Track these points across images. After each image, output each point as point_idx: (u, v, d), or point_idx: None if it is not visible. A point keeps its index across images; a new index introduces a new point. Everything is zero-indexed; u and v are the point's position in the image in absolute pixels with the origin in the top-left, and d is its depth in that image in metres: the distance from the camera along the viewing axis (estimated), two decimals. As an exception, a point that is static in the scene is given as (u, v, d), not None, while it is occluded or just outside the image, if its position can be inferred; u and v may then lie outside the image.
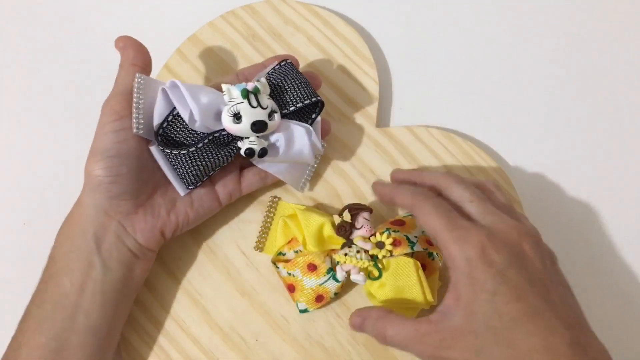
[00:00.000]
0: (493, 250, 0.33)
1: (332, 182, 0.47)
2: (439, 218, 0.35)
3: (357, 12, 0.54)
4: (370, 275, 0.41)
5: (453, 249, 0.34)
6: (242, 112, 0.40)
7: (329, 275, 0.42)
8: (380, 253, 0.41)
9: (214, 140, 0.41)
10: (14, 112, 0.51)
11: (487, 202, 0.37)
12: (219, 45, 0.50)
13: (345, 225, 0.42)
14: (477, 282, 0.33)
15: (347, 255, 0.41)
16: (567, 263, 0.38)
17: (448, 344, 0.33)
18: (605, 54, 0.53)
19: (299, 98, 0.42)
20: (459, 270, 0.34)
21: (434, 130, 0.48)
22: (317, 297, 0.42)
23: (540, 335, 0.32)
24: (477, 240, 0.34)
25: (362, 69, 0.49)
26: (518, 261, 0.34)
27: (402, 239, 0.41)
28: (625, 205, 0.49)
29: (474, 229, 0.34)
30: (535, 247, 0.35)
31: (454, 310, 0.34)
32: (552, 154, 0.50)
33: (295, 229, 0.43)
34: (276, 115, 0.41)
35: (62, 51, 0.53)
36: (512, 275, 0.33)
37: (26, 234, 0.48)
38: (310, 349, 0.43)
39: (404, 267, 0.40)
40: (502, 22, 0.54)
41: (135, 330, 0.44)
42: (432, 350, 0.34)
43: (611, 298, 0.46)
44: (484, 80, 0.52)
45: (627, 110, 0.51)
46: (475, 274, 0.33)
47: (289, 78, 0.43)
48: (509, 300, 0.32)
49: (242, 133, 0.40)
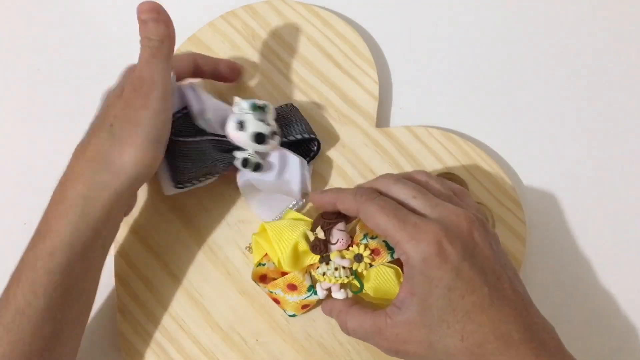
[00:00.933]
0: (448, 246, 0.34)
1: (332, 182, 0.47)
2: (387, 217, 0.35)
3: (357, 12, 0.54)
4: (352, 288, 0.40)
5: (407, 247, 0.34)
6: (247, 122, 0.42)
7: (310, 292, 0.41)
8: (360, 267, 0.39)
9: (214, 142, 0.42)
10: (14, 112, 0.52)
11: (429, 195, 0.36)
12: (219, 45, 0.50)
13: (319, 244, 0.39)
14: (432, 279, 0.33)
15: (325, 274, 0.40)
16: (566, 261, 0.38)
17: (403, 337, 0.34)
18: (607, 54, 0.53)
19: (300, 131, 0.44)
20: (415, 268, 0.34)
21: (434, 130, 0.48)
22: (302, 306, 0.42)
23: (492, 326, 0.33)
24: (432, 237, 0.34)
25: (362, 69, 0.49)
26: (471, 253, 0.34)
27: (381, 247, 0.39)
28: (626, 205, 0.49)
29: (425, 224, 0.34)
30: (484, 233, 0.35)
31: (408, 304, 0.34)
32: (552, 154, 0.50)
33: (268, 247, 0.41)
34: (277, 137, 0.43)
35: (62, 51, 0.53)
36: (466, 268, 0.33)
37: (26, 234, 0.48)
38: (310, 349, 0.43)
39: (385, 277, 0.39)
40: (502, 22, 0.54)
41: (135, 330, 0.44)
42: (388, 344, 0.36)
43: (611, 296, 0.46)
44: (484, 80, 0.52)
45: (628, 110, 0.51)
46: (431, 271, 0.33)
47: (293, 115, 0.45)
48: (464, 294, 0.33)
49: (242, 142, 0.42)
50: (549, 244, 0.47)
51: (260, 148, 0.42)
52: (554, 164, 0.50)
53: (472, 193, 0.46)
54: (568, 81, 0.52)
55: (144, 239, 0.46)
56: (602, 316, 0.46)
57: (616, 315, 0.46)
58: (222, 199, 0.46)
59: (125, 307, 0.44)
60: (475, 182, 0.46)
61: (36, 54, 0.53)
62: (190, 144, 0.42)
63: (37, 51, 0.53)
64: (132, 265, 0.45)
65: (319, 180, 0.47)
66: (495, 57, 0.53)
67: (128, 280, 0.45)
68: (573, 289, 0.46)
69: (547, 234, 0.48)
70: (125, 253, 0.45)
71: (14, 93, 0.52)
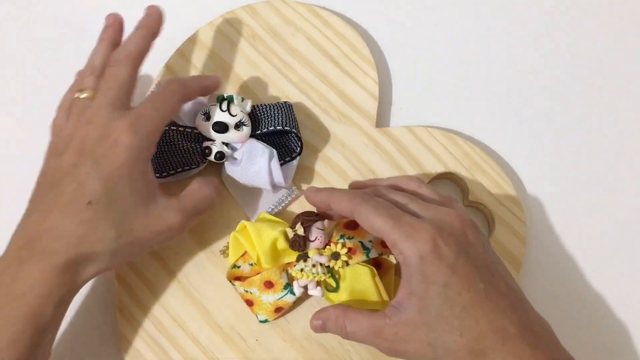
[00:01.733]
0: (443, 244, 0.34)
1: (332, 182, 0.47)
2: (382, 218, 0.35)
3: (357, 12, 0.54)
4: (328, 287, 0.41)
5: (404, 246, 0.34)
6: (212, 113, 0.44)
7: (287, 290, 0.41)
8: (337, 265, 0.40)
9: (182, 133, 0.44)
10: (13, 112, 0.51)
11: (420, 200, 0.38)
12: (219, 45, 0.50)
13: (298, 240, 0.40)
14: (429, 277, 0.34)
15: (302, 270, 0.40)
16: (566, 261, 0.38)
17: (403, 337, 0.35)
18: (607, 54, 0.53)
19: (274, 123, 0.44)
20: (412, 267, 0.34)
21: (434, 130, 0.48)
22: (276, 309, 0.42)
23: (489, 320, 0.33)
24: (427, 236, 0.34)
25: (362, 69, 0.50)
26: (465, 251, 0.35)
27: (357, 247, 0.40)
28: (626, 205, 0.49)
29: (420, 224, 0.35)
30: (475, 232, 0.36)
31: (406, 304, 0.35)
32: (552, 154, 0.50)
33: (247, 244, 0.41)
34: (245, 127, 0.44)
35: (62, 51, 0.53)
36: (461, 265, 0.34)
37: (26, 234, 0.48)
38: (310, 349, 0.43)
39: (360, 276, 0.40)
40: (502, 22, 0.54)
41: (135, 330, 0.44)
42: (388, 344, 0.36)
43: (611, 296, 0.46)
44: (485, 80, 0.52)
45: (629, 109, 0.51)
46: (427, 269, 0.34)
47: (280, 110, 0.45)
48: (460, 290, 0.34)
49: (205, 132, 0.44)
50: (549, 244, 0.47)
51: (224, 137, 0.43)
52: (553, 163, 0.50)
53: (472, 193, 0.46)
54: (568, 81, 0.52)
55: (144, 239, 0.46)
56: (602, 316, 0.46)
57: (616, 315, 0.46)
58: (222, 199, 0.46)
59: (125, 307, 0.44)
60: (475, 182, 0.46)
61: (36, 54, 0.53)
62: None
63: (37, 51, 0.53)
64: (132, 265, 0.45)
65: (319, 180, 0.47)
66: (496, 57, 0.53)
67: (128, 280, 0.45)
68: (573, 289, 0.46)
69: (547, 234, 0.48)
70: (125, 253, 0.45)
71: (14, 93, 0.52)
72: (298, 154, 0.45)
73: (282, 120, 0.45)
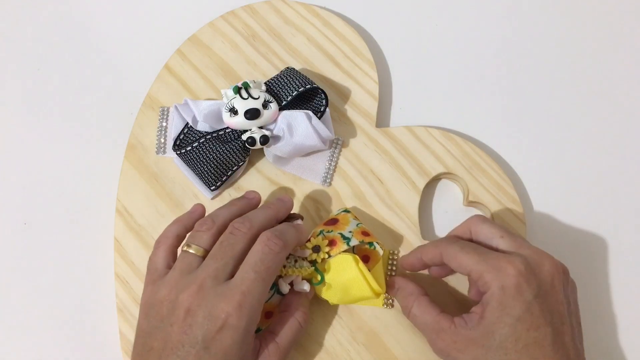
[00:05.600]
0: (525, 280, 0.35)
1: (332, 182, 0.47)
2: (469, 255, 0.37)
3: (357, 12, 0.54)
4: (313, 280, 0.41)
5: (488, 277, 0.36)
6: (237, 106, 0.43)
7: (273, 290, 0.41)
8: (319, 257, 0.41)
9: (218, 138, 0.44)
10: (13, 112, 0.51)
11: (518, 237, 0.39)
12: (219, 45, 0.50)
13: None
14: (505, 307, 0.35)
15: (286, 267, 0.40)
16: (566, 261, 0.38)
17: (459, 347, 0.36)
18: (607, 54, 0.53)
19: (293, 88, 0.45)
20: (493, 296, 0.36)
21: (434, 130, 0.48)
22: (265, 314, 0.41)
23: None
24: (514, 271, 0.36)
25: (362, 69, 0.50)
26: (545, 293, 0.36)
27: (337, 237, 0.41)
28: (626, 205, 0.49)
29: (507, 258, 0.36)
30: (564, 280, 0.37)
31: (475, 322, 0.36)
32: (551, 154, 0.50)
33: None
34: (272, 104, 0.44)
35: (62, 51, 0.53)
36: (537, 305, 0.35)
37: (26, 234, 0.48)
38: (310, 348, 0.43)
39: (344, 264, 0.40)
40: (502, 22, 0.54)
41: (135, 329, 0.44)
42: (443, 346, 0.37)
43: (611, 296, 0.46)
44: (484, 80, 0.52)
45: (629, 109, 0.51)
46: (506, 299, 0.35)
47: (288, 76, 0.46)
48: (529, 327, 0.35)
49: (240, 125, 0.44)
50: (549, 243, 0.47)
51: (258, 122, 0.44)
52: (553, 163, 0.50)
53: (472, 193, 0.46)
54: (568, 81, 0.52)
55: (144, 239, 0.45)
56: (601, 316, 0.46)
57: (616, 314, 0.46)
58: (222, 199, 0.46)
59: (125, 307, 0.44)
60: (475, 182, 0.46)
61: (36, 54, 0.53)
62: (193, 150, 0.44)
63: (36, 51, 0.53)
64: (132, 265, 0.45)
65: (319, 180, 0.47)
66: (496, 57, 0.53)
67: (128, 280, 0.45)
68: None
69: (547, 234, 0.48)
70: (125, 253, 0.45)
71: (14, 93, 0.52)
72: (326, 105, 0.45)
73: (297, 83, 0.45)
